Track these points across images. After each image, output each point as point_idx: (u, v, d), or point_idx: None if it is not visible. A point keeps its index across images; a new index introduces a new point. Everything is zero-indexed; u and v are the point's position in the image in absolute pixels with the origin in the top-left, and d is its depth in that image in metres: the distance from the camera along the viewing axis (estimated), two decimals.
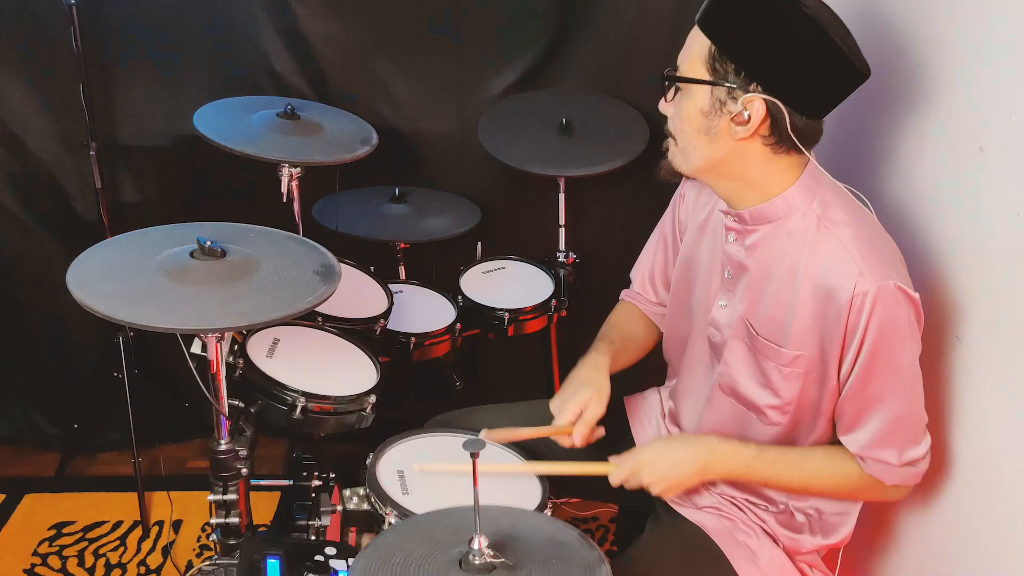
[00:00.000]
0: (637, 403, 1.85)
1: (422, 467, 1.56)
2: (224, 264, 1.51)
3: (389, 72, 2.45)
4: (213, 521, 1.65)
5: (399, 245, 2.41)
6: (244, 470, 1.63)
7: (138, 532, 2.44)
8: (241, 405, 1.68)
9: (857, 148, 1.86)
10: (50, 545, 2.40)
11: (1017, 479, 1.38)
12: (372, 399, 1.76)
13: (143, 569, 2.33)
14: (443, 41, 2.43)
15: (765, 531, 1.60)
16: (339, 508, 1.66)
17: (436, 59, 2.45)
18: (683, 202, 1.71)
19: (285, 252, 1.61)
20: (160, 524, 2.45)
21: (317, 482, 1.74)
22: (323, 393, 1.71)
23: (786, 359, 1.46)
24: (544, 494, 1.58)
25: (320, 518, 1.68)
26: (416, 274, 2.39)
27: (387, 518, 1.51)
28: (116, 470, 2.62)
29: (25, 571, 2.32)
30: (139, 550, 2.39)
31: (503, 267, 2.40)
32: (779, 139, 1.39)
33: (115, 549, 2.39)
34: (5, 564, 2.33)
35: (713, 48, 1.37)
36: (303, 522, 1.67)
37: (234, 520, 1.65)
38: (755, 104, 1.36)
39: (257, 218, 1.72)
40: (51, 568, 2.33)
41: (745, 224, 1.49)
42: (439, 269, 2.49)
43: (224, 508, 1.64)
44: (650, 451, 1.58)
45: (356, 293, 2.11)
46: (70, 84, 2.25)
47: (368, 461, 1.63)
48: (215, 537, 1.69)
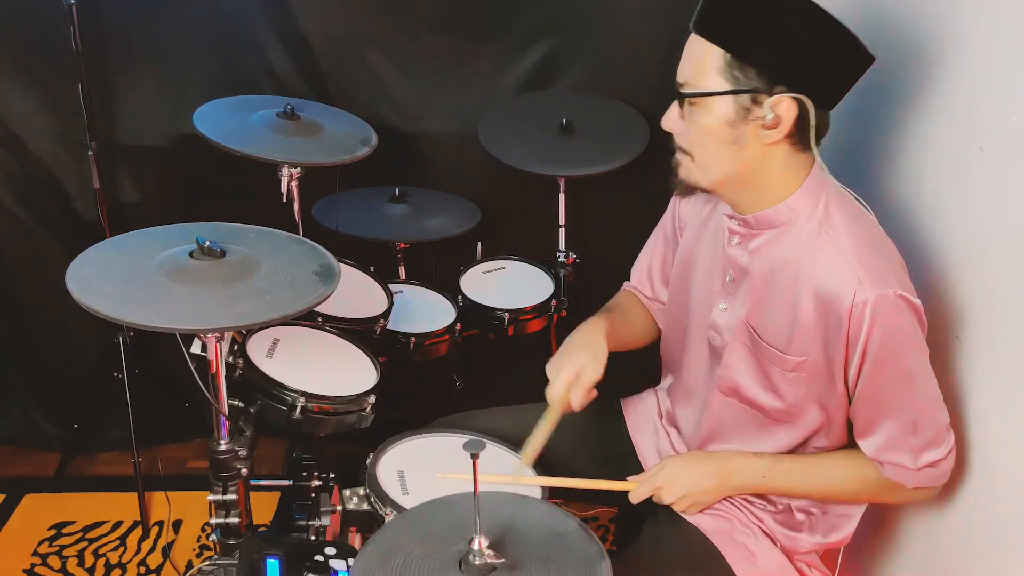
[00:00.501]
0: (634, 405, 1.85)
1: (444, 475, 1.56)
2: (224, 264, 1.51)
3: (389, 72, 2.45)
4: (213, 521, 1.65)
5: (399, 245, 2.41)
6: (244, 470, 1.63)
7: (138, 532, 2.44)
8: (241, 405, 1.68)
9: (857, 148, 1.86)
10: (50, 545, 2.40)
11: (1018, 479, 1.38)
12: (372, 399, 1.76)
13: (143, 569, 2.33)
14: (443, 41, 2.43)
15: (763, 531, 1.60)
16: (339, 508, 1.67)
17: (436, 59, 2.45)
18: (683, 201, 1.70)
19: (285, 252, 1.60)
20: (160, 524, 2.45)
21: (317, 482, 1.74)
22: (323, 393, 1.71)
23: (790, 364, 1.46)
24: (544, 492, 1.58)
25: (320, 518, 1.68)
26: (416, 274, 2.38)
27: (387, 518, 1.51)
28: (116, 470, 2.62)
29: (25, 571, 2.32)
30: (139, 550, 2.39)
31: (503, 267, 2.40)
32: (801, 137, 1.38)
33: (115, 549, 2.39)
34: (5, 564, 2.33)
35: (728, 55, 1.33)
36: (303, 522, 1.67)
37: (234, 520, 1.65)
38: (783, 105, 1.33)
39: (257, 218, 1.72)
40: (51, 568, 2.33)
41: (750, 228, 1.48)
42: (439, 269, 2.48)
43: (224, 508, 1.64)
44: (669, 470, 1.59)
45: (356, 293, 2.11)
46: (70, 84, 2.25)
47: (368, 461, 1.63)
48: (215, 537, 1.69)
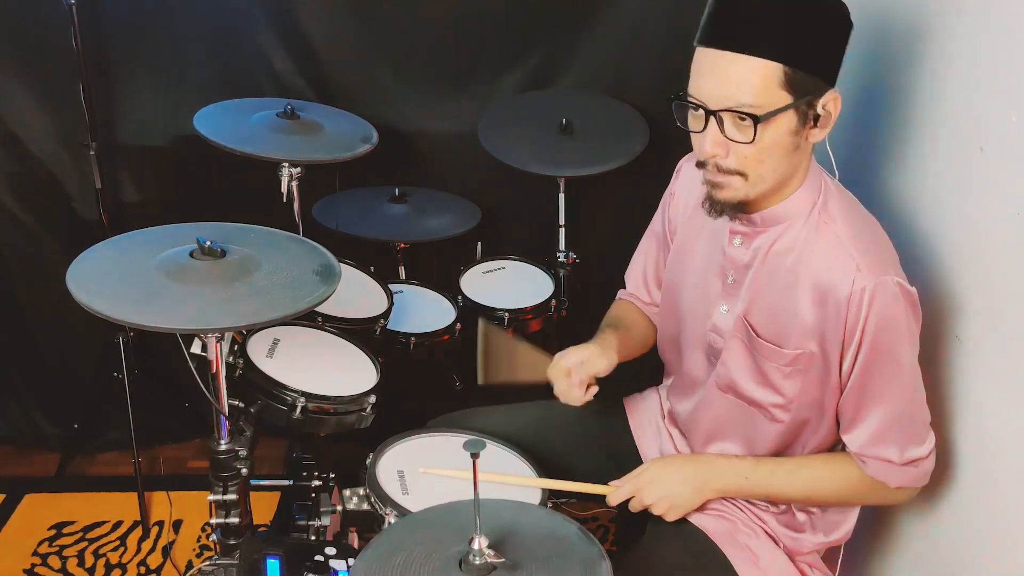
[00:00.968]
0: (637, 404, 1.85)
1: (427, 470, 1.56)
2: (224, 264, 1.51)
3: (389, 72, 2.45)
4: (213, 521, 1.65)
5: (399, 245, 2.41)
6: (244, 470, 1.63)
7: (138, 532, 2.44)
8: (241, 405, 1.68)
9: (857, 149, 1.86)
10: (50, 545, 2.40)
11: (1018, 479, 1.38)
12: (372, 399, 1.77)
13: (143, 569, 2.33)
14: (443, 41, 2.43)
15: (766, 532, 1.60)
16: (339, 508, 1.67)
17: (436, 59, 2.45)
18: (674, 201, 1.69)
19: (285, 252, 1.61)
20: (160, 524, 2.45)
21: (317, 482, 1.74)
22: (323, 393, 1.72)
23: (786, 359, 1.46)
24: (544, 493, 1.58)
25: (320, 518, 1.68)
26: (416, 274, 2.39)
27: (387, 518, 1.51)
28: (116, 470, 2.62)
29: (25, 571, 2.32)
30: (139, 550, 2.39)
31: (503, 267, 2.40)
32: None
33: (115, 549, 2.39)
34: (5, 564, 2.33)
35: (787, 69, 1.30)
36: (303, 522, 1.68)
37: (234, 520, 1.65)
38: (831, 102, 1.36)
39: (257, 218, 1.72)
40: (51, 568, 2.33)
41: (755, 227, 1.48)
42: (439, 269, 2.49)
43: (224, 508, 1.64)
44: (649, 473, 1.59)
45: (356, 293, 2.11)
46: (70, 84, 2.25)
47: (368, 461, 1.63)
48: (215, 537, 1.69)
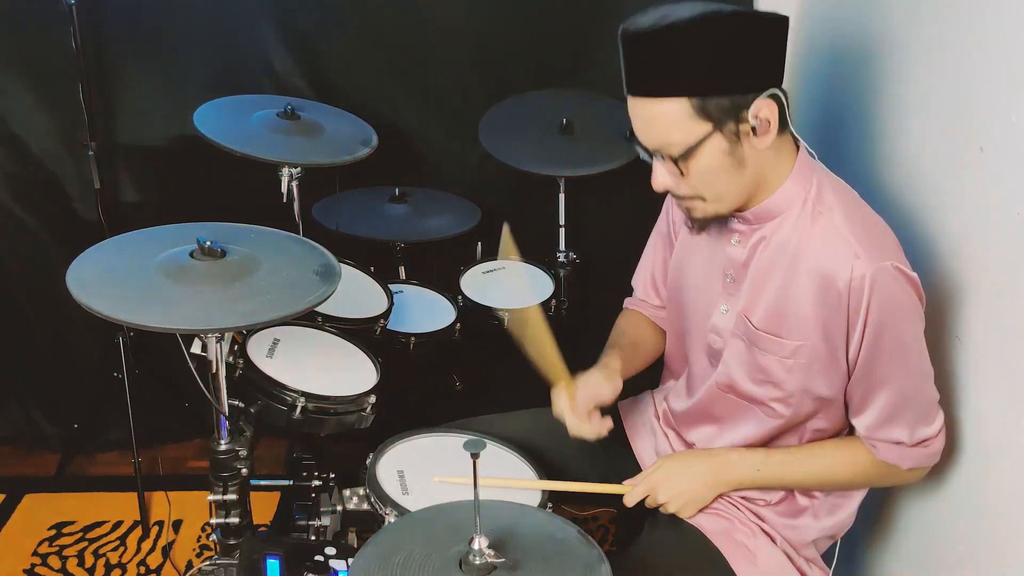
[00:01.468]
0: (631, 407, 1.85)
1: (442, 479, 1.57)
2: (224, 264, 1.51)
3: (389, 72, 2.45)
4: (213, 521, 1.65)
5: (399, 245, 2.41)
6: (244, 470, 1.63)
7: (138, 532, 2.44)
8: (241, 405, 1.68)
9: (858, 148, 1.86)
10: (50, 545, 2.40)
11: (1018, 478, 1.38)
12: (372, 399, 1.77)
13: (143, 569, 2.33)
14: (443, 41, 2.43)
15: (763, 530, 1.60)
16: (339, 508, 1.67)
17: (436, 59, 2.45)
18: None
19: (285, 252, 1.61)
20: (160, 524, 2.45)
21: (317, 482, 1.74)
22: (323, 393, 1.72)
23: (787, 350, 1.47)
24: (544, 494, 1.58)
25: (320, 518, 1.68)
26: (416, 274, 2.39)
27: (387, 518, 1.51)
28: (116, 470, 2.62)
29: (25, 571, 2.32)
30: (139, 550, 2.39)
31: (503, 267, 2.40)
32: (781, 124, 1.40)
33: (115, 549, 2.39)
34: (5, 564, 2.33)
35: (694, 100, 1.33)
36: (303, 522, 1.67)
37: (234, 520, 1.65)
38: (764, 108, 1.35)
39: (257, 218, 1.72)
40: (51, 568, 2.33)
41: (750, 224, 1.49)
42: (439, 269, 2.49)
43: (224, 508, 1.64)
44: (663, 471, 1.59)
45: (356, 293, 2.11)
46: (70, 84, 2.25)
47: (368, 461, 1.63)
48: (215, 537, 1.69)
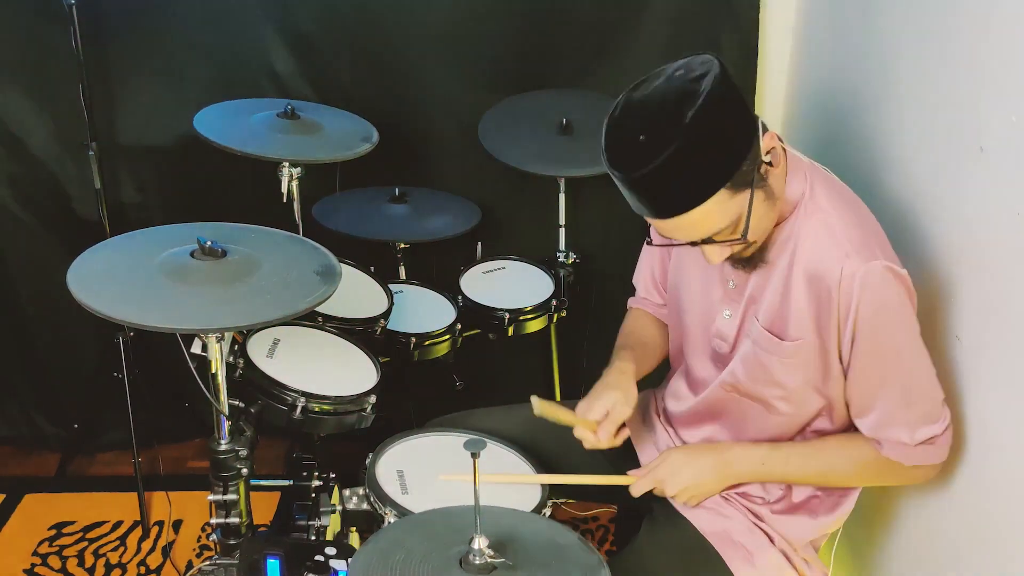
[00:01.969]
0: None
1: (447, 476, 1.57)
2: (224, 264, 1.51)
3: (389, 72, 2.45)
4: (213, 521, 1.66)
5: (399, 245, 2.41)
6: (244, 470, 1.64)
7: (138, 532, 2.44)
8: (241, 405, 1.68)
9: (858, 149, 1.86)
10: (50, 545, 2.40)
11: (1018, 478, 1.38)
12: (372, 399, 1.76)
13: (143, 569, 2.33)
14: (443, 41, 2.43)
15: (761, 530, 1.60)
16: (339, 508, 1.67)
17: (436, 59, 2.45)
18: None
19: (285, 252, 1.61)
20: (160, 524, 2.45)
21: (317, 482, 1.74)
22: (323, 393, 1.72)
23: (787, 351, 1.47)
24: (544, 494, 1.59)
25: (320, 518, 1.68)
26: (416, 274, 2.39)
27: (386, 518, 1.51)
28: (116, 470, 2.62)
29: (25, 571, 2.32)
30: (139, 550, 2.39)
31: (503, 267, 2.40)
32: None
33: (115, 549, 2.39)
34: (5, 564, 2.33)
35: (727, 185, 1.33)
36: (303, 522, 1.68)
37: (234, 520, 1.65)
38: (768, 144, 1.37)
39: (257, 218, 1.73)
40: (51, 568, 2.33)
41: None
42: (439, 269, 2.49)
43: (224, 508, 1.64)
44: (669, 463, 1.60)
45: (356, 293, 2.11)
46: (70, 84, 2.25)
47: (368, 461, 1.63)
48: (215, 537, 1.69)
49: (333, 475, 1.75)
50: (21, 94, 2.41)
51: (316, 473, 1.75)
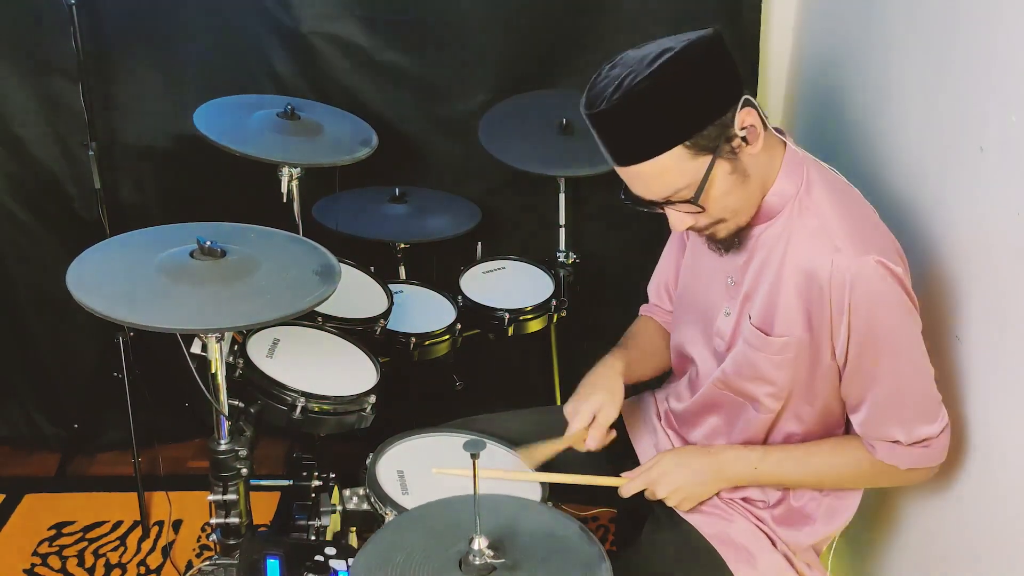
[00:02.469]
0: (632, 407, 1.85)
1: (440, 470, 1.57)
2: (224, 264, 1.51)
3: (389, 72, 2.45)
4: (213, 521, 1.65)
5: (399, 245, 2.41)
6: (244, 470, 1.64)
7: (138, 532, 2.44)
8: (241, 405, 1.68)
9: (858, 149, 1.86)
10: (50, 545, 2.40)
11: (1018, 478, 1.38)
12: (372, 399, 1.76)
13: (143, 569, 2.33)
14: (443, 41, 2.43)
15: (763, 532, 1.60)
16: (339, 508, 1.67)
17: (436, 59, 2.45)
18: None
19: (285, 252, 1.61)
20: (160, 524, 2.45)
21: (317, 482, 1.74)
22: (323, 393, 1.72)
23: (775, 347, 1.47)
24: (544, 492, 1.59)
25: (320, 518, 1.68)
26: (416, 274, 2.39)
27: (387, 518, 1.51)
28: (116, 470, 2.62)
29: (25, 571, 2.32)
30: (139, 550, 2.39)
31: (503, 267, 2.40)
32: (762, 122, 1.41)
33: (115, 549, 2.39)
34: (5, 564, 2.33)
35: (687, 143, 1.33)
36: (303, 522, 1.67)
37: (234, 520, 1.65)
38: (745, 118, 1.36)
39: (257, 218, 1.72)
40: (51, 568, 2.33)
41: (750, 227, 1.49)
42: (439, 269, 2.49)
43: (224, 508, 1.64)
44: (662, 465, 1.60)
45: (356, 293, 2.11)
46: (70, 84, 2.25)
47: (368, 461, 1.63)
48: (215, 537, 1.69)
49: (333, 475, 1.75)
50: (21, 94, 2.41)
51: (316, 473, 1.74)
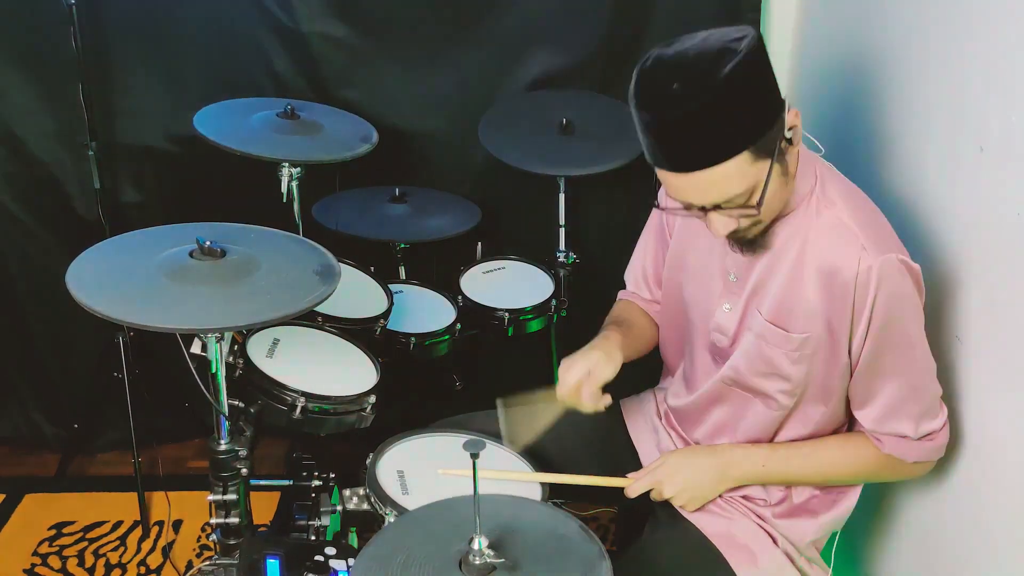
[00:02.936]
0: (633, 406, 1.85)
1: (446, 471, 1.57)
2: (224, 264, 1.51)
3: (389, 72, 2.45)
4: (213, 521, 1.65)
5: (399, 245, 2.41)
6: (244, 470, 1.64)
7: (138, 532, 2.44)
8: (241, 405, 1.68)
9: (858, 149, 1.86)
10: (50, 545, 2.40)
11: (1018, 477, 1.38)
12: (372, 399, 1.76)
13: (143, 569, 2.33)
14: (443, 41, 2.43)
15: (764, 530, 1.60)
16: (339, 508, 1.67)
17: (436, 59, 2.44)
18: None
19: (285, 252, 1.61)
20: (160, 524, 2.45)
21: (317, 482, 1.74)
22: (323, 393, 1.72)
23: (794, 344, 1.47)
24: (544, 492, 1.59)
25: (320, 518, 1.68)
26: (416, 274, 2.39)
27: (387, 518, 1.51)
28: (116, 470, 2.62)
29: (25, 571, 2.32)
30: (139, 550, 2.39)
31: (503, 267, 2.40)
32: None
33: (115, 549, 2.39)
34: (5, 564, 2.33)
35: (750, 148, 1.32)
36: (303, 522, 1.68)
37: (234, 520, 1.65)
38: (792, 119, 1.37)
39: (257, 218, 1.72)
40: (51, 568, 2.33)
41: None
42: (439, 269, 2.49)
43: (224, 508, 1.64)
44: (668, 465, 1.60)
45: (356, 293, 2.11)
46: (70, 84, 2.25)
47: (368, 461, 1.63)
48: (215, 537, 1.69)
49: (333, 475, 1.75)
50: (21, 93, 2.41)
51: (316, 473, 1.75)
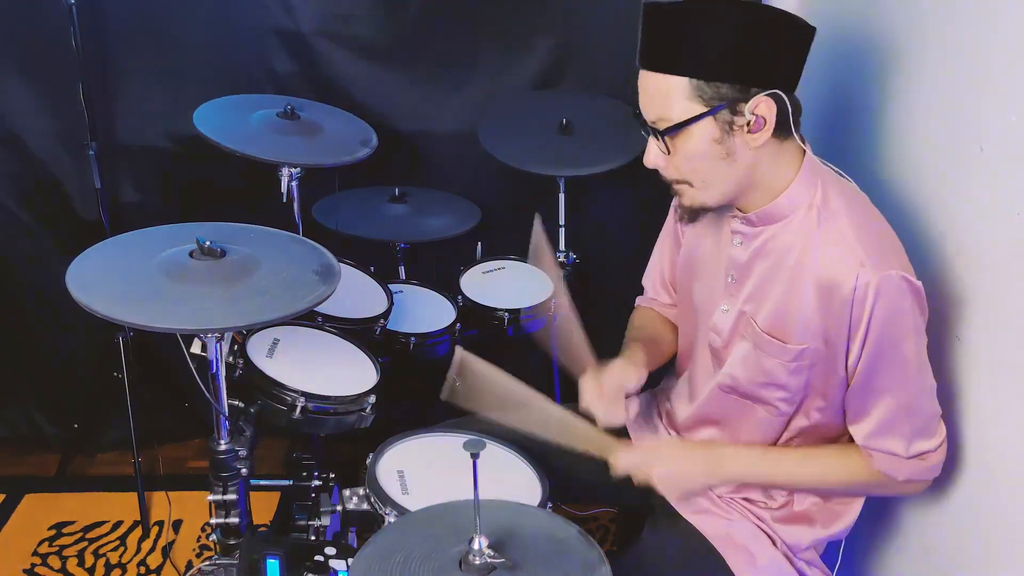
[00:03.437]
0: (634, 406, 1.85)
1: (462, 351, 1.56)
2: (224, 264, 1.51)
3: (389, 72, 2.45)
4: (213, 521, 1.66)
5: (399, 245, 2.41)
6: (244, 470, 1.64)
7: (138, 532, 2.44)
8: (241, 405, 1.68)
9: (858, 148, 1.86)
10: (50, 545, 2.40)
11: (1018, 478, 1.38)
12: (372, 399, 1.77)
13: (143, 569, 2.33)
14: (443, 41, 2.43)
15: (764, 532, 1.60)
16: (339, 508, 1.67)
17: (436, 59, 2.45)
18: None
19: (285, 252, 1.61)
20: (160, 524, 2.45)
21: (317, 482, 1.74)
22: (323, 393, 1.72)
23: (791, 355, 1.46)
24: (544, 492, 1.59)
25: (320, 518, 1.68)
26: (416, 274, 2.39)
27: (387, 518, 1.51)
28: (116, 470, 2.62)
29: (25, 571, 2.32)
30: (139, 550, 2.39)
31: (503, 267, 2.40)
32: (783, 128, 1.40)
33: (115, 549, 2.39)
34: (5, 564, 2.33)
35: (693, 81, 1.33)
36: (303, 522, 1.68)
37: (234, 520, 1.65)
38: (762, 105, 1.35)
39: (257, 218, 1.72)
40: (51, 568, 2.33)
41: (753, 226, 1.49)
42: (439, 269, 2.49)
43: (224, 508, 1.65)
44: (661, 448, 1.62)
45: (356, 293, 2.11)
46: (70, 84, 2.25)
47: (368, 461, 1.63)
48: (215, 537, 1.70)
49: (333, 475, 1.75)
50: (21, 93, 2.41)
51: (316, 473, 1.75)
